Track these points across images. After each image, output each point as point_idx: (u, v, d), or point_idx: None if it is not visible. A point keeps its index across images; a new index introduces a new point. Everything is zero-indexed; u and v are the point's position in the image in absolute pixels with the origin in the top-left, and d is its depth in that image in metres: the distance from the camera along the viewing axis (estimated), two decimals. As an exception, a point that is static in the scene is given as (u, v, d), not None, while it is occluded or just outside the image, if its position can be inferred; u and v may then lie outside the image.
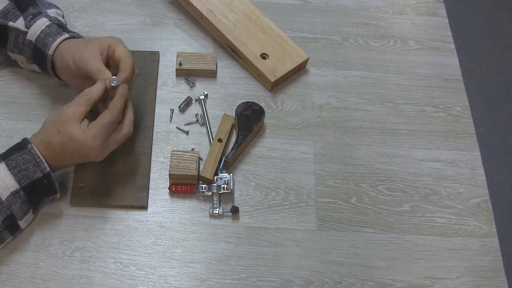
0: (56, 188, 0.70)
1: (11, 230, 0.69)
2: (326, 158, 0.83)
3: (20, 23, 0.77)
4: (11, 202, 0.66)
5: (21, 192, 0.67)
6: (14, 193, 0.66)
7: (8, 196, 0.66)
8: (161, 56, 0.91)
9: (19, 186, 0.66)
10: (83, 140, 0.67)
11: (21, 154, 0.67)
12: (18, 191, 0.66)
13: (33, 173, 0.67)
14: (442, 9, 1.05)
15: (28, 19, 0.77)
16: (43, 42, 0.76)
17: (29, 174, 0.67)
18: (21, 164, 0.67)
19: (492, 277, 0.75)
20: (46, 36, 0.76)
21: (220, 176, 0.77)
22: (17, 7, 0.79)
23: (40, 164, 0.67)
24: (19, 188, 0.66)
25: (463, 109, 0.91)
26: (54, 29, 0.76)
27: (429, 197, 0.81)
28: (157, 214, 0.76)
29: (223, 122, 0.83)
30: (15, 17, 0.78)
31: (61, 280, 0.69)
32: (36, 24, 0.77)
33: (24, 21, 0.77)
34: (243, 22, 0.93)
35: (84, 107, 0.69)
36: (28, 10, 0.79)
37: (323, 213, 0.78)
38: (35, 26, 0.76)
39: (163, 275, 0.71)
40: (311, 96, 0.89)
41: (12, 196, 0.66)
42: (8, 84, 0.84)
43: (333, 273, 0.73)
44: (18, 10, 0.78)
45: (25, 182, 0.67)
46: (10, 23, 0.77)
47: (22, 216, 0.68)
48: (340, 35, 0.98)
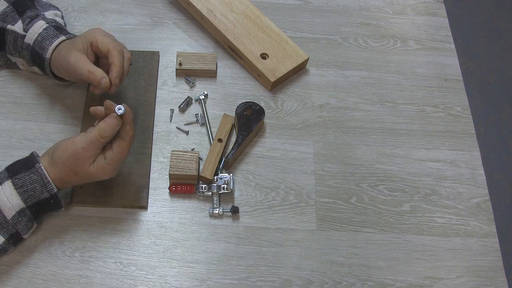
0: (61, 204, 0.69)
1: (15, 243, 0.69)
2: (326, 158, 0.83)
3: (19, 26, 0.77)
4: (16, 221, 0.66)
5: (27, 211, 0.66)
6: (20, 212, 0.66)
7: (13, 216, 0.65)
8: (161, 56, 0.91)
9: (25, 205, 0.66)
10: (102, 176, 0.68)
11: (28, 174, 0.66)
12: (23, 210, 0.66)
13: (40, 193, 0.66)
14: (442, 9, 1.05)
15: (26, 22, 0.77)
16: (40, 46, 0.76)
17: (36, 194, 0.66)
18: (28, 184, 0.65)
19: (492, 277, 0.75)
20: (43, 39, 0.76)
21: (220, 176, 0.77)
22: (15, 10, 0.79)
23: (47, 185, 0.66)
24: (24, 207, 0.66)
25: (463, 109, 0.91)
26: (51, 31, 0.76)
27: (429, 197, 0.81)
28: (157, 214, 0.76)
29: (223, 122, 0.83)
30: (13, 20, 0.78)
31: (61, 280, 0.69)
32: (34, 27, 0.76)
33: (22, 24, 0.77)
34: (243, 22, 0.93)
35: (97, 149, 0.66)
36: (26, 13, 0.78)
37: (323, 213, 0.78)
38: (32, 30, 0.76)
39: (163, 275, 0.71)
40: (311, 96, 0.89)
41: (18, 215, 0.66)
42: (8, 84, 0.84)
43: (333, 273, 0.73)
44: (16, 13, 0.78)
45: (31, 202, 0.66)
46: (8, 26, 0.77)
47: (27, 231, 0.69)
48: (340, 35, 0.98)
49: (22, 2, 0.80)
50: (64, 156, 0.66)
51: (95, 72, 0.71)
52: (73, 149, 0.65)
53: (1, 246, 0.67)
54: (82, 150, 0.65)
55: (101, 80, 0.71)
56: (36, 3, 0.83)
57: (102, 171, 0.67)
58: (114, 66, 0.72)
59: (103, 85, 0.71)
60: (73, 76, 0.74)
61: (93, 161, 0.66)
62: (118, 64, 0.72)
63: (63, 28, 0.80)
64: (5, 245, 0.67)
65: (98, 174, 0.67)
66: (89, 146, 0.65)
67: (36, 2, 0.84)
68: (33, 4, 0.82)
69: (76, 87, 0.85)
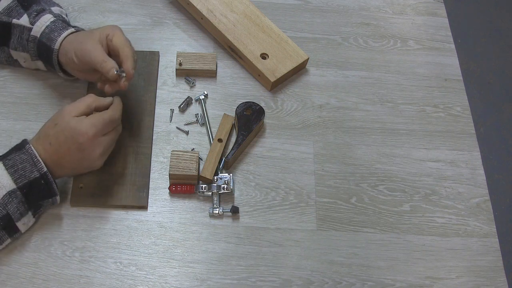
0: (54, 190, 0.69)
1: (8, 231, 0.68)
2: (326, 158, 0.83)
3: (24, 20, 0.78)
4: (7, 201, 0.66)
5: (18, 192, 0.66)
6: (11, 192, 0.66)
7: (4, 196, 0.65)
8: (161, 56, 0.91)
9: (16, 186, 0.66)
10: (78, 126, 0.67)
11: (18, 154, 0.67)
12: (14, 191, 0.66)
13: (30, 172, 0.67)
14: (442, 9, 1.05)
15: (33, 16, 0.78)
16: (48, 37, 0.76)
17: (26, 174, 0.66)
18: (18, 164, 0.66)
19: (492, 277, 0.75)
20: (52, 31, 0.76)
21: (220, 176, 0.77)
22: (20, 5, 0.79)
23: (37, 163, 0.67)
24: (15, 188, 0.66)
25: (463, 109, 0.91)
26: (59, 24, 0.77)
27: (429, 197, 0.81)
28: (157, 214, 0.76)
29: (223, 122, 0.83)
30: (19, 15, 0.78)
31: (61, 280, 0.69)
32: (41, 20, 0.77)
33: (28, 18, 0.78)
34: (243, 22, 0.93)
35: (84, 107, 0.69)
36: (32, 7, 0.79)
37: (323, 213, 0.78)
38: (40, 22, 0.77)
39: (163, 275, 0.71)
40: (311, 96, 0.89)
41: (9, 196, 0.66)
42: (8, 84, 0.84)
43: (333, 273, 0.73)
44: (21, 8, 0.79)
45: (22, 182, 0.66)
46: (14, 20, 0.78)
47: (19, 217, 0.68)
48: (340, 35, 0.98)
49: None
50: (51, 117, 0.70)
51: (107, 61, 0.72)
52: (61, 109, 0.70)
53: None
54: (67, 104, 0.71)
55: (111, 69, 0.72)
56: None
57: (78, 122, 0.67)
58: (128, 59, 0.73)
59: (111, 74, 0.72)
60: (82, 65, 0.74)
61: (75, 116, 0.68)
62: (131, 57, 0.73)
63: (69, 23, 0.80)
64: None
65: (75, 124, 0.67)
66: (74, 102, 0.70)
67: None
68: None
69: (76, 87, 0.85)
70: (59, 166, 0.69)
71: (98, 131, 0.68)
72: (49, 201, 0.71)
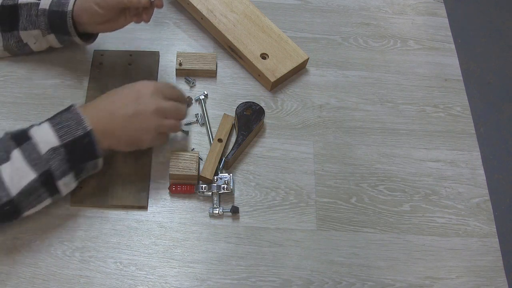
0: (97, 151, 0.69)
1: (49, 189, 0.67)
2: (326, 158, 0.83)
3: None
4: (50, 157, 0.65)
5: (62, 149, 0.66)
6: (54, 148, 0.66)
7: (47, 151, 0.65)
8: (161, 56, 0.91)
9: (60, 142, 0.66)
10: (136, 83, 0.71)
11: (64, 114, 0.69)
12: (58, 148, 0.66)
13: (74, 130, 0.67)
14: (442, 9, 1.05)
15: None
16: (58, 4, 0.76)
17: (71, 131, 0.67)
18: (64, 121, 0.67)
19: (492, 277, 0.75)
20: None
21: (220, 176, 0.77)
22: None
23: (82, 122, 0.67)
24: (59, 145, 0.66)
25: (463, 109, 0.91)
26: None
27: (429, 197, 0.81)
28: (157, 214, 0.76)
29: (223, 122, 0.83)
30: None
31: (61, 280, 0.69)
32: None
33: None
34: (243, 22, 0.93)
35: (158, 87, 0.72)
36: None
37: (323, 213, 0.78)
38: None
39: (163, 275, 0.71)
40: (311, 96, 0.89)
41: (52, 151, 0.65)
42: (8, 84, 0.84)
43: (333, 273, 0.73)
44: None
45: (66, 139, 0.66)
46: (20, 0, 0.78)
47: (60, 176, 0.67)
48: (340, 35, 0.98)
49: None
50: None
51: None
52: None
53: (33, 184, 0.65)
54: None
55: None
56: None
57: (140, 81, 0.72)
58: None
59: (144, 1, 0.73)
60: (107, 12, 0.74)
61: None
62: None
63: None
64: (37, 185, 0.65)
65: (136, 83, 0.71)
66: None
67: None
68: None
69: (76, 87, 0.85)
70: (107, 133, 0.69)
71: (160, 105, 0.71)
72: (92, 164, 0.70)
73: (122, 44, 0.91)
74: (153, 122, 0.71)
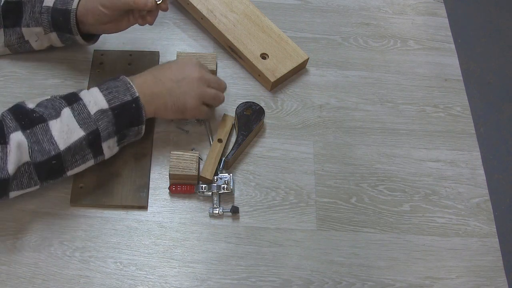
0: (142, 116, 0.71)
1: (94, 150, 0.69)
2: (326, 158, 0.83)
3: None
4: (98, 118, 0.68)
5: (109, 112, 0.69)
6: (103, 111, 0.68)
7: (96, 112, 0.68)
8: (161, 56, 0.91)
9: (108, 106, 0.69)
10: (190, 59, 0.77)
11: (113, 81, 0.71)
12: (106, 110, 0.68)
13: (123, 95, 0.70)
14: (442, 9, 1.05)
15: None
16: (63, 2, 0.76)
17: (119, 96, 0.70)
18: (112, 87, 0.70)
19: (492, 277, 0.75)
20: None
21: (220, 176, 0.77)
22: None
23: (130, 89, 0.71)
24: (108, 108, 0.68)
25: (463, 109, 0.91)
26: None
27: (429, 197, 0.81)
28: (157, 214, 0.76)
29: (223, 122, 0.83)
30: None
31: (61, 280, 0.69)
32: None
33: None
34: (243, 22, 0.93)
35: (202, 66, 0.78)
36: None
37: (323, 213, 0.78)
38: None
39: (163, 275, 0.71)
40: (311, 96, 0.89)
41: (101, 113, 0.68)
42: (8, 84, 0.84)
43: (333, 273, 0.73)
44: None
45: (115, 103, 0.69)
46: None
47: (106, 138, 0.69)
48: (340, 35, 0.98)
49: None
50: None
51: None
52: None
53: (81, 141, 0.67)
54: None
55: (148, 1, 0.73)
56: None
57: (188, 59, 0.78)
58: None
59: (150, 4, 0.73)
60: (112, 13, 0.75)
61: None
62: None
63: None
64: (84, 143, 0.67)
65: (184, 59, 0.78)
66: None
67: None
68: None
69: (76, 87, 0.85)
70: (154, 97, 0.73)
71: (204, 75, 0.76)
72: (135, 130, 0.72)
73: (122, 44, 0.91)
74: (198, 88, 0.75)
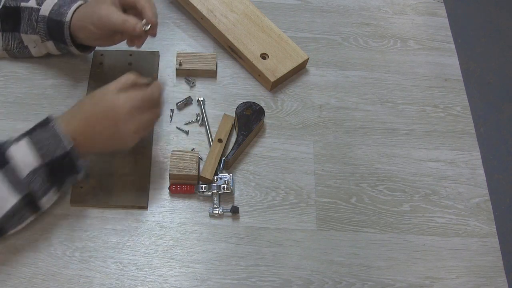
0: (78, 167, 0.67)
1: (31, 208, 0.67)
2: (326, 158, 0.83)
3: (32, 2, 0.78)
4: (31, 179, 0.64)
5: (42, 170, 0.64)
6: (35, 170, 0.64)
7: (28, 174, 0.64)
8: (161, 56, 0.91)
9: (40, 163, 0.64)
10: (116, 99, 0.66)
11: (43, 131, 0.65)
12: (38, 169, 0.64)
13: (54, 149, 0.65)
14: (442, 9, 1.05)
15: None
16: (58, 13, 0.76)
17: (51, 151, 0.64)
18: (43, 141, 0.65)
19: (492, 277, 0.75)
20: (60, 6, 0.77)
21: (220, 176, 0.77)
22: None
23: (62, 141, 0.65)
24: (39, 165, 0.64)
25: (463, 109, 0.91)
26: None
27: (429, 197, 0.81)
28: (157, 214, 0.76)
29: (223, 122, 0.83)
30: None
31: (61, 280, 0.69)
32: None
33: (35, 0, 0.78)
34: (243, 22, 0.93)
35: (123, 81, 0.69)
36: None
37: (323, 213, 0.78)
38: (47, 2, 0.78)
39: (163, 275, 0.71)
40: (311, 96, 0.89)
41: (32, 174, 0.64)
42: (8, 84, 0.84)
43: (333, 273, 0.73)
44: None
45: (47, 159, 0.64)
46: (22, 3, 0.78)
47: (42, 195, 0.66)
48: (340, 35, 0.98)
49: None
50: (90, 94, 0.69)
51: (129, 19, 0.73)
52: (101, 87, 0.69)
53: (15, 208, 0.64)
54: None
55: (136, 26, 0.73)
56: None
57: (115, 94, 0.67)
58: (147, 9, 0.74)
59: (138, 30, 0.73)
60: (102, 32, 0.75)
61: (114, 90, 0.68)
62: (149, 7, 0.74)
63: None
64: (19, 208, 0.65)
65: (112, 95, 0.67)
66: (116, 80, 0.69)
67: None
68: None
69: (76, 87, 0.85)
70: (91, 141, 0.68)
71: (134, 106, 0.67)
72: (72, 178, 0.69)
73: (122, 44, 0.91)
74: (132, 123, 0.67)
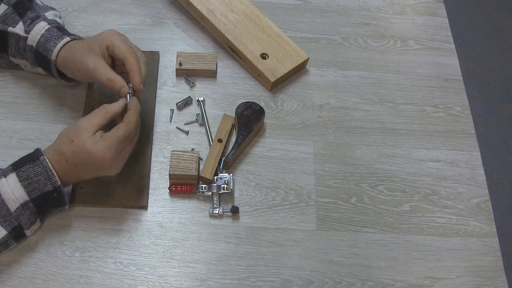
0: (65, 201, 0.69)
1: (17, 238, 0.69)
2: (326, 158, 0.83)
3: (20, 28, 0.77)
4: (19, 213, 0.66)
5: (30, 204, 0.66)
6: (23, 204, 0.66)
7: (17, 208, 0.65)
8: (161, 56, 0.91)
9: (29, 198, 0.66)
10: (94, 151, 0.66)
11: (32, 166, 0.66)
12: (27, 203, 0.66)
13: (43, 185, 0.66)
14: (442, 9, 1.05)
15: (27, 24, 0.77)
16: (44, 47, 0.75)
17: (40, 187, 0.66)
18: (32, 176, 0.66)
19: (492, 277, 0.75)
20: (47, 40, 0.75)
21: (220, 176, 0.77)
22: (16, 12, 0.78)
23: (51, 177, 0.66)
24: (28, 200, 0.66)
25: (463, 109, 0.91)
26: (54, 32, 0.76)
27: (429, 197, 0.81)
28: (157, 214, 0.76)
29: (223, 122, 0.83)
30: (14, 22, 0.77)
31: (61, 280, 0.69)
32: (36, 28, 0.76)
33: (23, 26, 0.77)
34: (243, 22, 0.93)
35: (99, 119, 0.68)
36: (27, 14, 0.78)
37: (323, 213, 0.78)
38: (34, 31, 0.76)
39: (163, 275, 0.71)
40: (311, 96, 0.89)
41: (21, 208, 0.66)
42: (8, 84, 0.84)
43: (333, 273, 0.73)
44: (17, 15, 0.78)
45: (35, 195, 0.66)
46: (10, 28, 0.77)
47: (29, 226, 0.68)
48: (340, 35, 0.98)
49: (23, 3, 0.79)
50: (66, 128, 0.69)
51: (115, 80, 0.71)
52: (77, 123, 0.68)
53: (3, 239, 0.66)
54: (83, 118, 0.69)
55: (121, 89, 0.71)
56: (35, 5, 0.83)
57: (94, 146, 0.66)
58: (134, 73, 0.72)
59: (122, 93, 0.71)
60: (87, 79, 0.75)
61: (92, 133, 0.67)
62: (137, 70, 0.72)
63: (65, 29, 0.80)
64: (7, 239, 0.67)
65: (91, 148, 0.66)
66: (89, 115, 0.68)
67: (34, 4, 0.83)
68: (32, 5, 0.82)
69: (76, 87, 0.85)
70: (73, 177, 0.70)
71: (115, 153, 0.67)
72: (58, 209, 0.72)
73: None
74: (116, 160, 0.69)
